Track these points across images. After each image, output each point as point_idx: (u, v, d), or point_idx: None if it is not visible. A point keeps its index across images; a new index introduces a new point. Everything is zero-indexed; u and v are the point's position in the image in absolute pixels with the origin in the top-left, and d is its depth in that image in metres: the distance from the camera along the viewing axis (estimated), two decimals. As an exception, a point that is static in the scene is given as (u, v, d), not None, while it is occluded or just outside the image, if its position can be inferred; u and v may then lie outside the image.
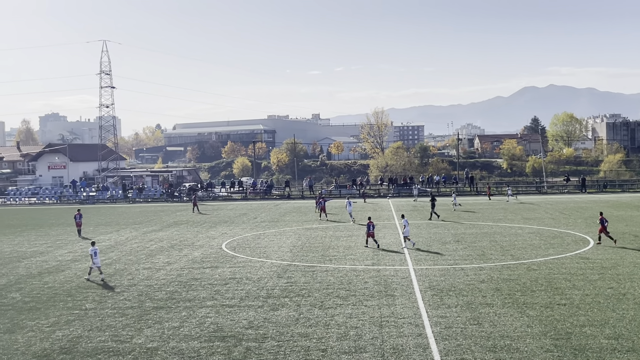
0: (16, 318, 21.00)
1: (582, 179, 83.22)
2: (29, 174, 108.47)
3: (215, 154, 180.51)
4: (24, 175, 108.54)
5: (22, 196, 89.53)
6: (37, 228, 49.58)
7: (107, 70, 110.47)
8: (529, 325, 18.53)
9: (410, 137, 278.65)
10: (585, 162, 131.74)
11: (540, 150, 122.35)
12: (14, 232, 47.15)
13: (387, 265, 28.75)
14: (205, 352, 16.80)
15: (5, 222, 55.50)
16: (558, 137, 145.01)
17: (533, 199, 69.35)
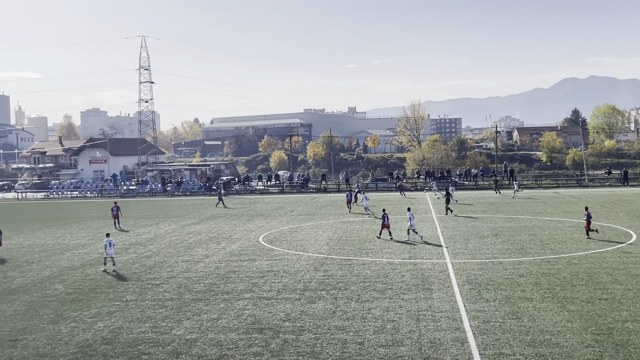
0: (59, 309, 21.52)
1: (624, 172, 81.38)
2: (71, 168, 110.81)
3: (252, 148, 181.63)
4: (66, 170, 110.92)
5: (65, 190, 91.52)
6: (79, 221, 50.64)
7: (146, 66, 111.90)
8: (569, 320, 18.25)
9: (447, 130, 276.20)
10: (628, 154, 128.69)
11: (580, 143, 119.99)
12: (57, 225, 48.26)
13: (425, 259, 28.61)
14: (243, 344, 16.97)
15: (48, 215, 56.85)
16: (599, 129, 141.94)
17: (573, 192, 68.11)
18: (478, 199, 61.35)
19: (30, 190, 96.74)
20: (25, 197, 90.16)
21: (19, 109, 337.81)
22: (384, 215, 35.34)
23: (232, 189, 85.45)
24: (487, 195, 65.08)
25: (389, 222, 35.26)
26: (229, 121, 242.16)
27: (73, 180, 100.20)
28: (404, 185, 72.51)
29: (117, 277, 26.65)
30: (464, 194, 69.51)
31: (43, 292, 24.21)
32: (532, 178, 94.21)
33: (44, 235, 42.09)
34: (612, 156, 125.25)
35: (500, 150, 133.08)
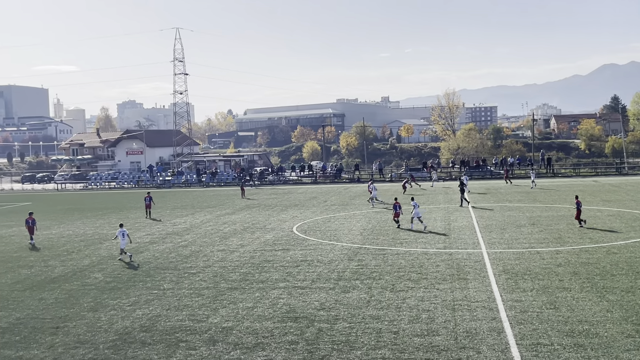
0: (99, 297, 21.95)
1: (666, 160, 79.44)
2: (108, 160, 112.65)
3: (285, 139, 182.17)
4: (103, 161, 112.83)
5: (102, 181, 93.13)
6: (117, 211, 51.49)
7: (180, 58, 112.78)
8: (608, 310, 17.93)
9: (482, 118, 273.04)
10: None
11: (620, 130, 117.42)
12: (95, 215, 49.15)
13: (460, 249, 28.39)
14: (279, 332, 17.09)
15: (87, 206, 57.92)
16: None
17: (613, 180, 66.75)
18: (513, 187, 60.53)
19: (69, 181, 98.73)
20: (64, 188, 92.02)
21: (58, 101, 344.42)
22: (396, 204, 36.00)
23: (265, 179, 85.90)
24: (524, 184, 64.15)
25: (401, 211, 35.91)
26: (262, 112, 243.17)
27: (110, 171, 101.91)
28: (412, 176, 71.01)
29: (155, 266, 27.03)
30: (499, 183, 68.67)
31: (83, 281, 24.71)
32: (570, 166, 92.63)
33: (83, 225, 42.92)
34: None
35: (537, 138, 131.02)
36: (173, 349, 16.12)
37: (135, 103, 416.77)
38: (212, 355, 15.57)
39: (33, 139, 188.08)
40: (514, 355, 14.70)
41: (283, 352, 15.55)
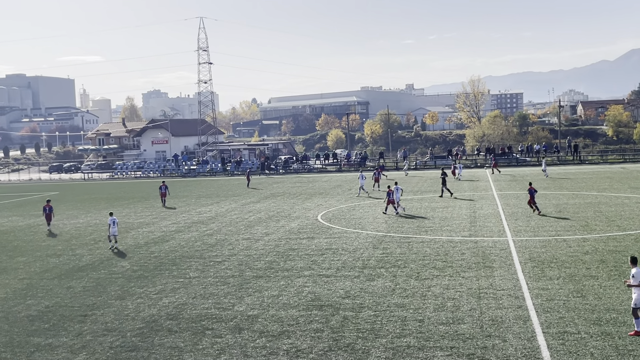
0: (126, 285, 22.23)
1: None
2: (134, 149, 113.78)
3: (309, 127, 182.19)
4: (129, 150, 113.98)
5: (128, 170, 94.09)
6: (143, 200, 52.02)
7: (205, 47, 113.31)
8: (637, 298, 17.68)
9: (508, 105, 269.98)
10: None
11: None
12: (122, 204, 49.71)
13: (485, 237, 28.20)
14: (304, 321, 17.16)
15: (113, 195, 58.60)
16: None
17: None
18: (540, 174, 59.88)
19: (95, 170, 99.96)
20: (91, 177, 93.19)
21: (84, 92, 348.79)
22: (389, 191, 36.73)
23: (290, 168, 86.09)
24: (550, 171, 63.42)
25: (394, 198, 36.39)
26: (286, 100, 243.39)
27: (136, 160, 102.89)
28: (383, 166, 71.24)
29: (181, 255, 27.28)
30: (526, 170, 68.01)
31: (110, 270, 25.04)
32: (597, 153, 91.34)
33: (110, 214, 43.41)
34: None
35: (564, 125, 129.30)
36: (199, 336, 16.29)
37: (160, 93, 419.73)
38: (237, 343, 15.71)
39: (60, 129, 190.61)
40: (540, 344, 14.59)
41: (308, 340, 15.62)
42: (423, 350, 14.58)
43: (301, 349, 15.05)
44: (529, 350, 14.30)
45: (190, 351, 15.28)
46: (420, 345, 14.93)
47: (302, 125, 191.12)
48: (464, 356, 14.12)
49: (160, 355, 15.14)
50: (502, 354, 14.15)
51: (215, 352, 15.12)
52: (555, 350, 14.22)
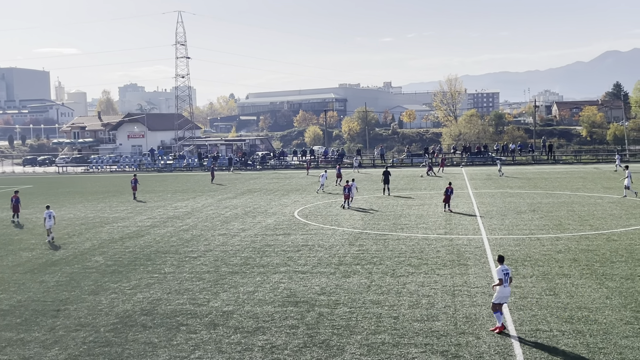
0: (100, 280, 22.03)
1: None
2: (109, 143, 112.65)
3: (287, 123, 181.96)
4: (105, 144, 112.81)
5: (104, 164, 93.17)
6: (118, 195, 51.55)
7: (183, 41, 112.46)
8: (608, 296, 17.99)
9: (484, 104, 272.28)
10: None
11: (622, 117, 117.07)
12: (97, 198, 49.21)
13: (460, 235, 28.43)
14: (279, 317, 17.16)
15: (88, 189, 57.97)
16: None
17: (614, 167, 66.62)
18: (515, 174, 60.54)
19: (70, 164, 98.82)
20: (65, 171, 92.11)
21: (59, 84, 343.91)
22: (346, 186, 38.57)
23: (267, 164, 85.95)
24: (525, 171, 64.17)
25: (349, 193, 38.23)
26: (264, 96, 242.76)
27: (112, 154, 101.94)
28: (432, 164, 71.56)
29: (156, 250, 27.09)
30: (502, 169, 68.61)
31: (84, 264, 24.79)
32: (571, 153, 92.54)
33: (84, 208, 42.98)
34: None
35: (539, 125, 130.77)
36: (174, 332, 16.21)
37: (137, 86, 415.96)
38: (212, 339, 15.65)
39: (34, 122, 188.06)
40: (512, 341, 14.77)
41: (283, 336, 15.62)
42: (397, 347, 14.67)
43: (276, 345, 15.05)
44: (502, 347, 14.46)
45: (165, 347, 15.19)
46: (394, 342, 15.02)
47: (279, 121, 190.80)
48: (438, 353, 14.24)
49: (134, 350, 15.04)
50: (475, 351, 14.29)
51: (190, 348, 15.06)
52: (528, 347, 14.40)
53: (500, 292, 15.61)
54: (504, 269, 15.71)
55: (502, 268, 15.75)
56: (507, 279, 15.61)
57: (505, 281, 15.58)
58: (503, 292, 15.56)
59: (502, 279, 15.61)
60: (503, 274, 15.64)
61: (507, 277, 15.63)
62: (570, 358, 13.76)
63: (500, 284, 15.67)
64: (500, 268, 15.80)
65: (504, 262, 16.09)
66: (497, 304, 15.55)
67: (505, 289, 15.56)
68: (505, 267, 15.80)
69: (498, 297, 15.59)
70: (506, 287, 15.57)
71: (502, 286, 15.58)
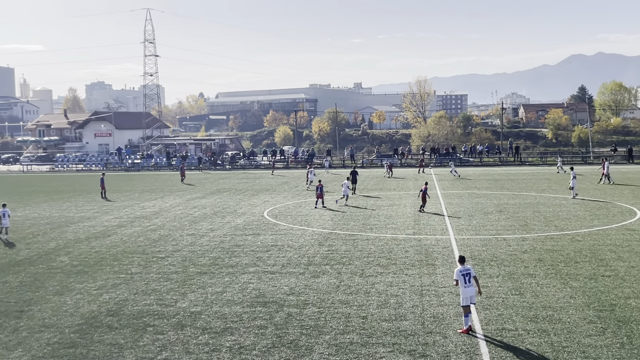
0: (65, 281, 21.68)
1: (629, 150, 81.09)
2: (76, 141, 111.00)
3: (257, 123, 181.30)
4: (71, 143, 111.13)
5: (70, 163, 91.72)
6: (85, 194, 50.81)
7: (151, 39, 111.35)
8: (572, 296, 18.31)
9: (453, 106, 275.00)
10: (634, 132, 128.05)
11: (586, 120, 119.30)
12: (62, 197, 48.44)
13: (428, 235, 28.66)
14: (248, 317, 17.10)
15: (53, 188, 57.03)
16: (606, 107, 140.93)
17: (579, 169, 67.76)
18: (482, 175, 61.29)
19: (35, 162, 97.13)
20: (30, 169, 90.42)
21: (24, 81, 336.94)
22: (318, 186, 39.08)
23: (236, 164, 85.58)
24: (492, 172, 64.99)
25: (322, 193, 38.75)
26: (234, 96, 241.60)
27: (78, 153, 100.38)
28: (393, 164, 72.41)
29: (123, 250, 26.77)
30: (469, 170, 69.47)
31: (48, 264, 24.38)
32: (537, 155, 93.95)
33: (49, 207, 42.27)
34: (617, 134, 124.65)
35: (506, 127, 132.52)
36: (140, 333, 16.03)
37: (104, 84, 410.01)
38: (179, 339, 15.53)
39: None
40: (479, 341, 14.94)
41: (252, 337, 15.57)
42: (366, 347, 14.73)
43: (244, 346, 14.99)
44: (469, 346, 14.62)
45: (131, 348, 15.02)
46: (363, 341, 15.08)
47: (249, 121, 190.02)
48: (406, 352, 14.34)
49: (99, 351, 14.84)
50: (442, 350, 14.42)
51: (157, 349, 14.91)
52: (494, 346, 14.58)
53: (461, 293, 15.69)
54: (461, 270, 15.71)
55: (460, 269, 15.75)
56: (467, 279, 15.60)
57: (466, 282, 15.57)
58: (464, 293, 15.61)
59: (459, 280, 15.64)
60: (460, 274, 15.64)
61: (467, 277, 15.60)
62: (535, 357, 13.97)
63: (457, 284, 15.79)
64: (457, 269, 15.85)
65: (465, 262, 16.11)
66: (464, 305, 15.66)
67: (466, 290, 15.57)
68: (464, 267, 15.79)
69: (462, 298, 15.70)
70: (466, 287, 15.58)
71: (462, 287, 15.64)
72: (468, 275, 15.66)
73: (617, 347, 14.30)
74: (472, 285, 15.68)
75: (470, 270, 15.83)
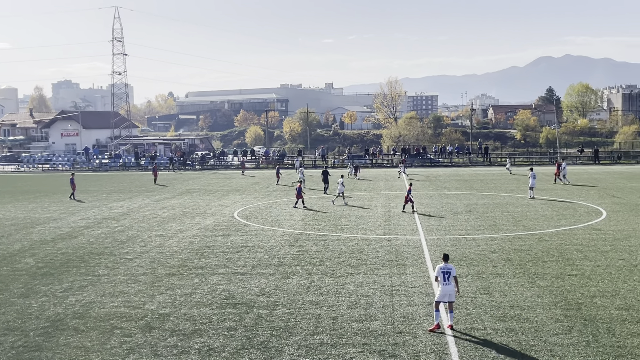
0: (30, 283, 21.26)
1: (595, 150, 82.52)
2: (42, 141, 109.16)
3: (227, 123, 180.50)
4: (37, 142, 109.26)
5: (35, 163, 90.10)
6: (51, 195, 49.96)
7: (119, 37, 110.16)
8: (539, 295, 18.53)
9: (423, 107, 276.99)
10: (600, 133, 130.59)
11: (554, 121, 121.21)
12: (27, 198, 47.56)
13: (399, 235, 28.77)
14: (217, 319, 16.95)
15: (19, 189, 55.96)
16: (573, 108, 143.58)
17: (546, 170, 68.80)
18: (452, 175, 61.80)
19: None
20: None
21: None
22: (298, 187, 39.31)
23: (206, 164, 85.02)
24: (462, 172, 65.56)
25: (301, 194, 38.91)
26: (205, 95, 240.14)
27: (44, 153, 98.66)
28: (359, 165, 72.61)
29: (90, 252, 26.36)
30: (439, 170, 70.01)
31: (13, 266, 23.88)
32: (505, 156, 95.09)
33: (14, 208, 41.45)
34: (584, 134, 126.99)
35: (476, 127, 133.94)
36: (107, 335, 15.78)
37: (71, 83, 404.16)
38: (147, 342, 15.32)
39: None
40: (448, 340, 15.02)
41: (221, 339, 15.43)
42: (336, 347, 14.70)
43: (213, 348, 14.85)
44: (438, 346, 14.69)
45: (98, 351, 14.78)
46: (333, 342, 15.05)
47: (220, 121, 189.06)
48: (376, 352, 14.34)
49: (65, 355, 14.57)
50: (412, 350, 14.46)
51: (124, 352, 14.69)
52: (463, 345, 14.67)
53: (439, 289, 15.89)
54: (442, 267, 15.94)
55: (441, 266, 15.98)
56: (446, 277, 15.81)
57: (444, 280, 15.79)
58: (441, 290, 15.82)
59: (439, 277, 15.88)
60: (440, 272, 15.90)
61: (447, 275, 15.82)
62: (503, 355, 14.08)
63: (437, 280, 16.01)
64: (439, 266, 16.08)
65: (448, 260, 16.24)
66: (437, 301, 15.79)
67: (444, 287, 15.78)
68: (446, 265, 15.98)
69: (438, 295, 15.87)
70: (445, 285, 15.78)
71: (440, 284, 15.85)
72: (448, 274, 15.86)
73: (583, 346, 14.50)
74: (451, 283, 15.84)
75: (452, 269, 16.00)
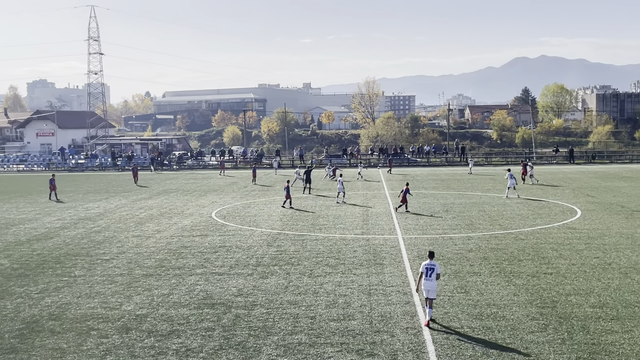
0: (4, 284, 21.00)
1: (570, 150, 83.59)
2: (16, 141, 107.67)
3: (205, 123, 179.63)
4: (11, 142, 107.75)
5: (10, 163, 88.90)
6: (26, 195, 49.34)
7: (95, 37, 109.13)
8: (515, 293, 18.73)
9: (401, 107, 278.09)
10: (575, 133, 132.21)
11: (530, 121, 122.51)
12: (2, 199, 46.91)
13: (377, 235, 28.89)
14: (195, 319, 16.89)
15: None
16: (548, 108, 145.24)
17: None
18: (430, 175, 62.18)
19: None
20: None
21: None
22: (287, 186, 38.81)
23: (184, 164, 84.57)
24: (439, 172, 65.97)
25: (290, 193, 38.65)
26: (182, 95, 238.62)
27: (19, 153, 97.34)
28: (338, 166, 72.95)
29: (66, 253, 26.10)
30: (417, 170, 70.40)
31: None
32: (482, 155, 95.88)
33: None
34: (559, 134, 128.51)
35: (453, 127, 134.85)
36: (84, 337, 15.65)
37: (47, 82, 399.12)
38: (124, 343, 15.22)
39: None
40: (426, 339, 15.13)
41: (199, 339, 15.38)
42: (314, 347, 14.73)
43: (191, 348, 14.80)
44: (416, 344, 14.79)
45: (74, 352, 14.65)
46: (311, 342, 15.08)
47: (197, 120, 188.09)
48: (354, 352, 14.40)
49: (41, 357, 14.41)
50: (389, 349, 14.54)
51: (101, 353, 14.58)
52: (440, 344, 14.79)
53: (423, 285, 16.29)
54: (427, 264, 16.37)
55: (426, 263, 16.41)
56: (430, 274, 16.22)
57: (427, 276, 16.22)
58: (424, 285, 16.26)
59: (423, 272, 16.32)
60: (425, 268, 16.34)
61: (430, 272, 16.24)
62: (480, 353, 14.23)
63: (420, 276, 16.43)
64: (424, 262, 16.50)
65: (433, 258, 16.66)
66: (425, 298, 16.27)
67: (426, 283, 16.22)
68: (431, 262, 16.40)
69: (423, 290, 16.31)
70: (427, 280, 16.21)
71: (424, 279, 16.27)
72: (432, 271, 16.29)
73: (558, 343, 14.70)
74: (433, 280, 16.22)
75: (435, 267, 16.39)
